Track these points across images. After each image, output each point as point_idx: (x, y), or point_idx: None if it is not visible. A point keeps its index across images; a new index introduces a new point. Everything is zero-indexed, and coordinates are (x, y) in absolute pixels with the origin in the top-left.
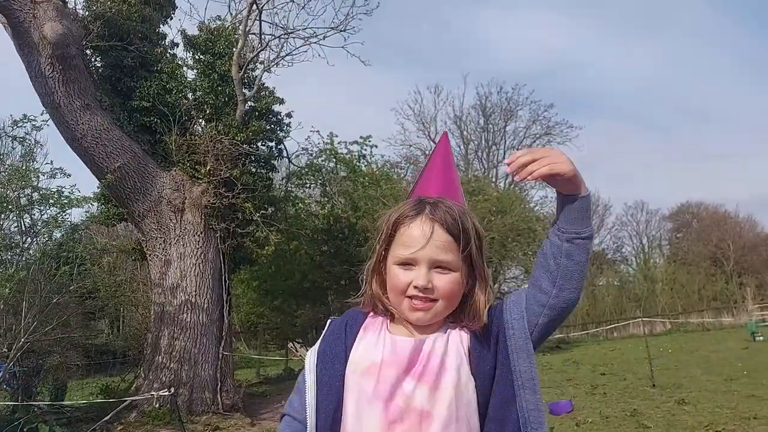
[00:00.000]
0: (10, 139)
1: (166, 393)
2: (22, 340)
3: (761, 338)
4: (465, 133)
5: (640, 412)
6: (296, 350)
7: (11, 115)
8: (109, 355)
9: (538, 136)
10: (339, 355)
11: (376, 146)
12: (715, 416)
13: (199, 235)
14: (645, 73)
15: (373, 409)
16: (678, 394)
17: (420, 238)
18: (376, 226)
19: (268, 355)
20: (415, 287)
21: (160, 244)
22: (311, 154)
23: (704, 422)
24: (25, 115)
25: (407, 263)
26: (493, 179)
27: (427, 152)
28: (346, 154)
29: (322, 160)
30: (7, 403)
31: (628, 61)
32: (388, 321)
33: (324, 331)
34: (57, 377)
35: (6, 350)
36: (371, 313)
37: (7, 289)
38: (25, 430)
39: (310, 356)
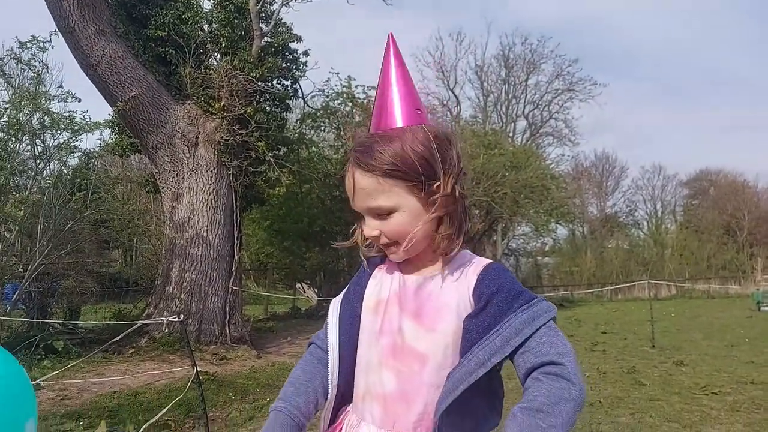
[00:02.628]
0: (17, 61)
1: (176, 320)
2: (38, 261)
3: (767, 308)
4: (485, 84)
5: (638, 370)
6: (304, 291)
7: (16, 37)
8: (122, 283)
9: (560, 91)
10: (359, 294)
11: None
12: (712, 379)
13: (211, 171)
14: (675, 35)
15: (376, 346)
16: (677, 356)
17: (350, 190)
18: None
19: (276, 293)
20: (368, 238)
21: (173, 177)
22: (327, 96)
23: (701, 383)
24: (33, 36)
25: (360, 215)
26: (510, 133)
27: (445, 102)
28: (364, 99)
29: (338, 103)
30: (23, 319)
31: (659, 21)
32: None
33: (355, 276)
34: (71, 300)
35: (22, 270)
36: (383, 258)
37: (21, 212)
38: (40, 346)
39: (337, 298)
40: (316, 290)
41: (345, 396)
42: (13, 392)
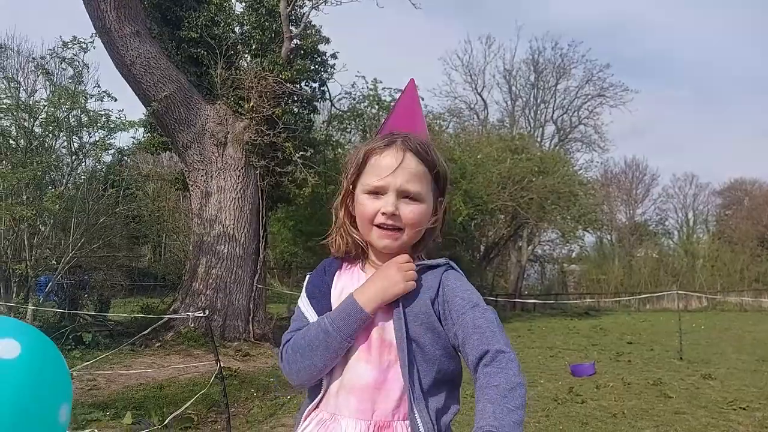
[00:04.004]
0: (59, 60)
1: (201, 315)
2: (70, 254)
3: None
4: (513, 88)
5: (664, 382)
6: None
7: (60, 36)
8: (150, 278)
9: (590, 96)
10: (326, 292)
11: (422, 98)
12: (741, 393)
13: (239, 170)
14: (710, 41)
15: (355, 342)
16: (705, 369)
17: (390, 166)
18: (345, 162)
19: (299, 292)
20: (383, 214)
21: (202, 175)
22: (354, 99)
23: (729, 398)
24: (74, 37)
25: (376, 191)
26: (538, 138)
27: (472, 106)
28: (390, 101)
29: (364, 106)
30: (55, 310)
31: (694, 27)
32: (361, 263)
33: (305, 284)
34: (101, 293)
35: (55, 263)
36: (345, 260)
37: (56, 206)
38: (70, 337)
39: (303, 300)
40: None
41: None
42: (51, 377)
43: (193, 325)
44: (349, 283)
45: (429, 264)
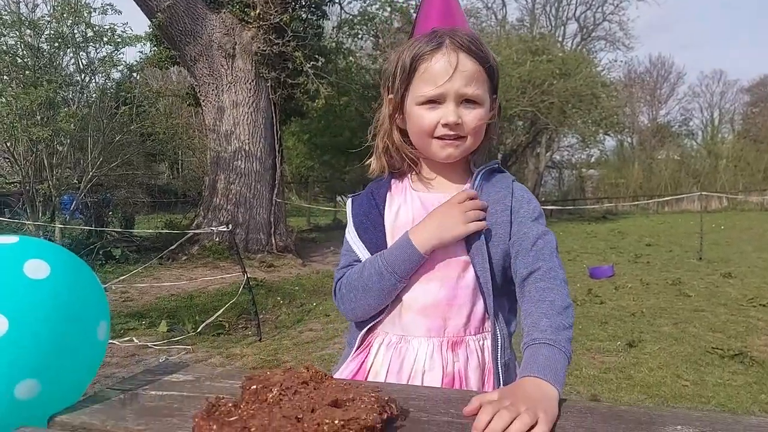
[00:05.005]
0: None
1: (225, 229)
2: (90, 173)
3: None
4: None
5: (683, 282)
6: (344, 203)
7: None
8: (171, 194)
9: None
10: (377, 220)
11: None
12: (761, 291)
13: (250, 83)
14: None
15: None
16: (725, 268)
17: (445, 71)
18: (383, 71)
19: (318, 206)
20: (445, 125)
21: (213, 90)
22: (365, 1)
23: (748, 295)
24: None
25: (432, 101)
26: (560, 38)
27: (489, 5)
28: (403, 2)
29: (376, 8)
30: (83, 227)
31: None
32: (410, 180)
33: (349, 210)
34: (125, 210)
35: (77, 182)
36: (391, 180)
37: (72, 125)
38: (100, 253)
39: (351, 234)
40: None
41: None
42: (85, 295)
43: (217, 239)
44: (403, 205)
45: (492, 168)
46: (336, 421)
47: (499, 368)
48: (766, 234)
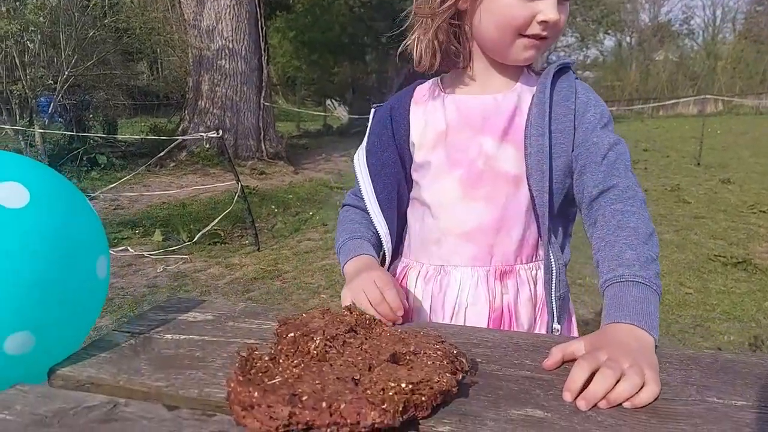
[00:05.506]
0: None
1: (215, 135)
2: (66, 73)
3: None
4: None
5: (682, 188)
6: (334, 107)
7: None
8: (152, 96)
9: None
10: (388, 141)
11: None
12: (760, 197)
13: None
14: None
15: (448, 181)
16: (723, 174)
17: None
18: None
19: (306, 110)
20: (543, 22)
21: None
22: None
23: (748, 202)
24: None
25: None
26: None
27: None
28: None
29: None
30: (64, 132)
31: None
32: (440, 84)
33: (369, 124)
34: (106, 114)
35: (52, 82)
36: (416, 87)
37: (41, 18)
38: (84, 159)
39: (358, 153)
40: (347, 108)
41: (393, 251)
42: (78, 226)
43: (207, 145)
44: (432, 114)
45: (560, 65)
46: (403, 385)
47: (554, 302)
48: (762, 138)
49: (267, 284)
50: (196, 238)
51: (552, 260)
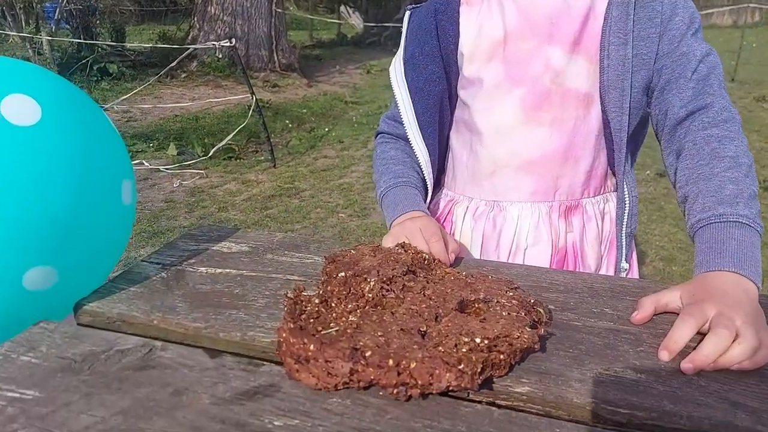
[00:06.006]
0: None
1: (227, 44)
2: None
3: None
4: None
5: None
6: (349, 15)
7: None
8: (159, 2)
9: None
10: (432, 52)
11: None
12: None
13: None
14: None
15: (507, 102)
16: (758, 91)
17: None
18: None
19: (318, 17)
20: None
21: None
22: None
23: None
24: None
25: None
26: None
27: None
28: None
29: None
30: (72, 40)
31: None
32: None
33: (404, 31)
34: (113, 20)
35: None
36: None
37: None
38: (94, 68)
39: (395, 65)
40: (363, 15)
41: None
42: (99, 146)
43: (219, 54)
44: (488, 18)
45: None
46: (478, 341)
47: (623, 239)
48: None
49: (285, 202)
50: (211, 153)
51: (626, 192)
